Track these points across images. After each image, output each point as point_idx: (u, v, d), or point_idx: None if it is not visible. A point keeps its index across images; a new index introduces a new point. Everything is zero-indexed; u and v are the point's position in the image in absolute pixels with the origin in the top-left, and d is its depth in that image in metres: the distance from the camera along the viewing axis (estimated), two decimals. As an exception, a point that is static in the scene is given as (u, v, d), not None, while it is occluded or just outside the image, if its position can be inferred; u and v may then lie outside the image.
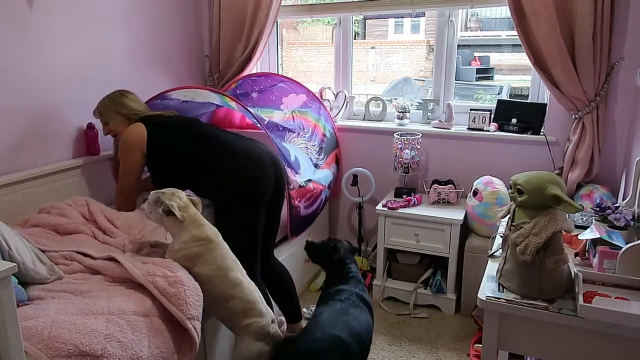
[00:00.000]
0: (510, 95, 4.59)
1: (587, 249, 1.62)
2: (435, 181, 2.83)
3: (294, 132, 2.77)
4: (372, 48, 6.22)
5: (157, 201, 1.78)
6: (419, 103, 3.15)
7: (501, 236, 1.68)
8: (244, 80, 2.97)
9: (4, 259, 1.51)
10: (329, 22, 4.99)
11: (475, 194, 2.57)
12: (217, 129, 2.31)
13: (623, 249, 1.42)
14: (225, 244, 1.86)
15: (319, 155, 2.90)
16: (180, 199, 1.79)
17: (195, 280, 1.73)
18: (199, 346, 1.86)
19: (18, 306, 1.50)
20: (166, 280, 1.66)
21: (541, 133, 2.63)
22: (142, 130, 2.19)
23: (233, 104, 2.48)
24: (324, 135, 2.98)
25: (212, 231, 1.82)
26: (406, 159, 2.81)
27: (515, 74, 5.64)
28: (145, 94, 2.81)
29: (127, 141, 2.19)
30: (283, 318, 2.45)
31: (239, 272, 1.83)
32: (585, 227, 1.70)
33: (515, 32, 2.43)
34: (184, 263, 1.74)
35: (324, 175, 2.88)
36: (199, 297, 1.71)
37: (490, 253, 1.70)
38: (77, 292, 1.63)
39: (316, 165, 2.86)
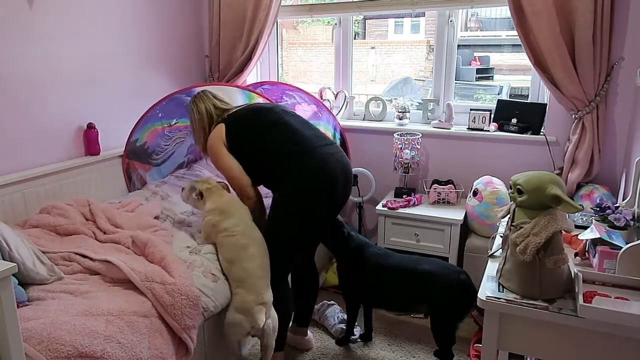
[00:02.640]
0: (510, 95, 4.57)
1: (587, 249, 1.62)
2: (435, 181, 2.83)
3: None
4: (372, 48, 6.20)
5: (192, 189, 2.12)
6: (419, 103, 3.15)
7: (501, 236, 1.68)
8: (255, 88, 2.99)
9: (4, 260, 1.51)
10: (329, 22, 4.98)
11: (475, 194, 2.57)
12: (298, 122, 2.15)
13: (623, 249, 1.42)
14: (247, 214, 2.04)
15: None
16: (209, 183, 2.13)
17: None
18: (200, 346, 1.86)
19: (18, 307, 1.50)
20: (164, 287, 1.66)
21: (541, 133, 2.63)
22: (221, 130, 2.12)
23: (261, 99, 2.49)
24: None
25: (229, 202, 2.07)
26: (406, 159, 2.81)
27: (515, 74, 5.62)
28: (145, 94, 2.82)
29: (210, 143, 2.15)
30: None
31: (256, 247, 1.95)
32: (585, 227, 1.70)
33: (515, 32, 2.43)
34: (209, 230, 2.03)
35: None
36: (196, 306, 1.72)
37: (490, 253, 1.70)
38: (77, 293, 1.63)
39: None
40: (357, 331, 2.44)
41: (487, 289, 1.45)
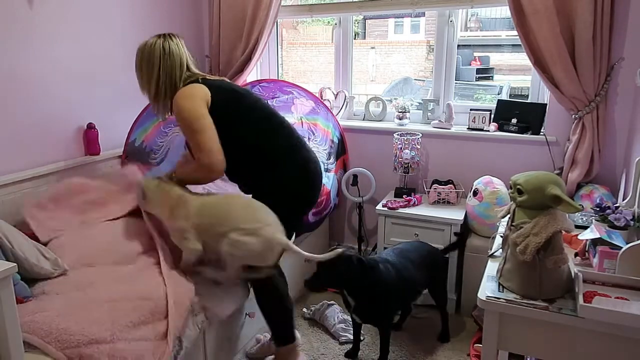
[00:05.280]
0: (510, 95, 4.58)
1: (587, 249, 1.62)
2: (435, 181, 2.83)
3: (303, 137, 2.76)
4: (372, 48, 6.21)
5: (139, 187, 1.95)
6: (419, 103, 3.15)
7: (501, 236, 1.68)
8: (254, 86, 2.99)
9: (7, 257, 1.52)
10: (329, 22, 4.98)
11: (475, 194, 2.57)
12: (279, 114, 1.99)
13: (623, 249, 1.42)
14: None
15: (328, 159, 2.91)
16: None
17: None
18: (199, 346, 1.87)
19: (23, 302, 1.53)
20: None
21: (541, 133, 2.63)
22: (205, 90, 1.77)
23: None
24: (332, 141, 2.98)
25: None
26: (406, 159, 2.81)
27: (515, 74, 5.64)
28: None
29: (187, 94, 1.76)
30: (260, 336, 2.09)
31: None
32: (585, 227, 1.70)
33: (515, 32, 2.42)
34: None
35: (333, 181, 2.88)
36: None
37: (490, 253, 1.70)
38: (82, 285, 1.67)
39: (327, 170, 2.86)
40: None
41: (487, 289, 1.45)
